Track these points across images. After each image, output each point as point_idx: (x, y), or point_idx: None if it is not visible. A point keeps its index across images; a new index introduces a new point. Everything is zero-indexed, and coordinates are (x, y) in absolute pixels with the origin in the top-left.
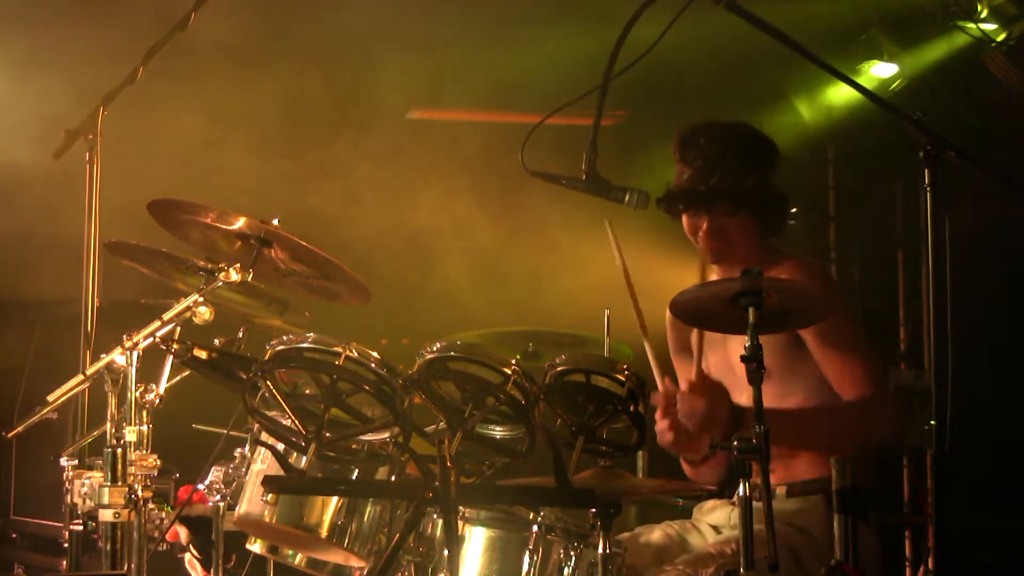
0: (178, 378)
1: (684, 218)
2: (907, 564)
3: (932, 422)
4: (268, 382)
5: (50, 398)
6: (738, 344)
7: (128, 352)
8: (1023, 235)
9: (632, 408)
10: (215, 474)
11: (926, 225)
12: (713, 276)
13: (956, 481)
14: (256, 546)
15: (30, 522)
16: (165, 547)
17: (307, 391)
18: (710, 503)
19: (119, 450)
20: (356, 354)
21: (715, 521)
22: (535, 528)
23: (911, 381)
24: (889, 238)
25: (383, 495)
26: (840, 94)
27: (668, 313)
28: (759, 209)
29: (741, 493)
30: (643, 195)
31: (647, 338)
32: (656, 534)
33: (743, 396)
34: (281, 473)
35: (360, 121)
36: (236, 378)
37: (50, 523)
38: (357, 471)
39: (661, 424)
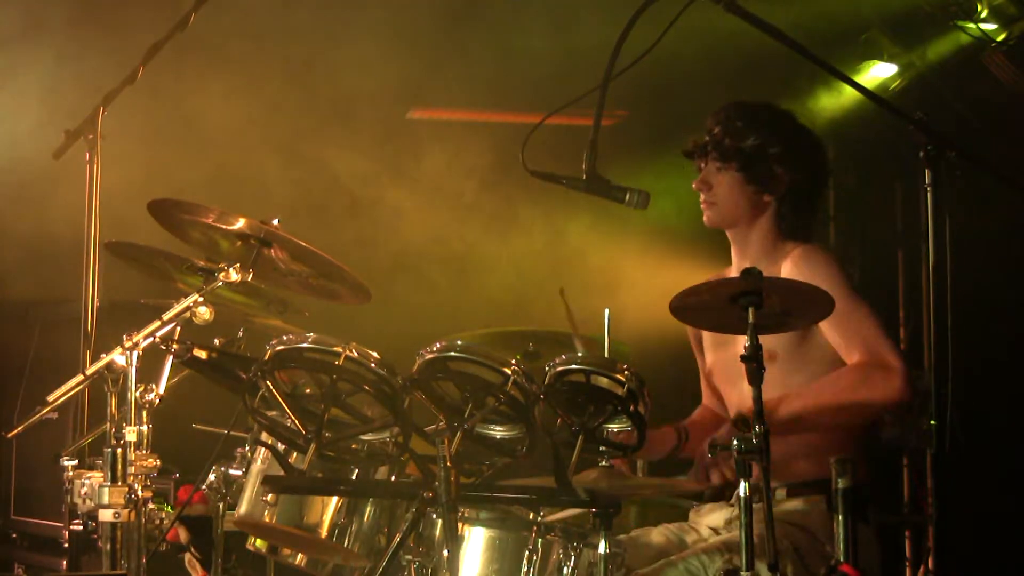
0: (178, 378)
1: None
2: (907, 564)
3: (932, 422)
4: (268, 382)
5: (50, 398)
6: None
7: (128, 352)
8: (1023, 235)
9: (632, 408)
10: (215, 474)
11: (926, 225)
12: None
13: (956, 481)
14: (256, 546)
15: (30, 522)
16: (165, 547)
17: (307, 391)
18: (708, 506)
19: (119, 450)
20: (356, 354)
21: (713, 523)
22: (535, 528)
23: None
24: (889, 238)
25: (383, 495)
26: (840, 94)
27: None
28: (753, 173)
29: (741, 493)
30: (643, 195)
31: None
32: (655, 535)
33: (743, 384)
34: (281, 473)
35: (359, 122)
36: (236, 378)
37: (50, 523)
38: (357, 471)
39: None
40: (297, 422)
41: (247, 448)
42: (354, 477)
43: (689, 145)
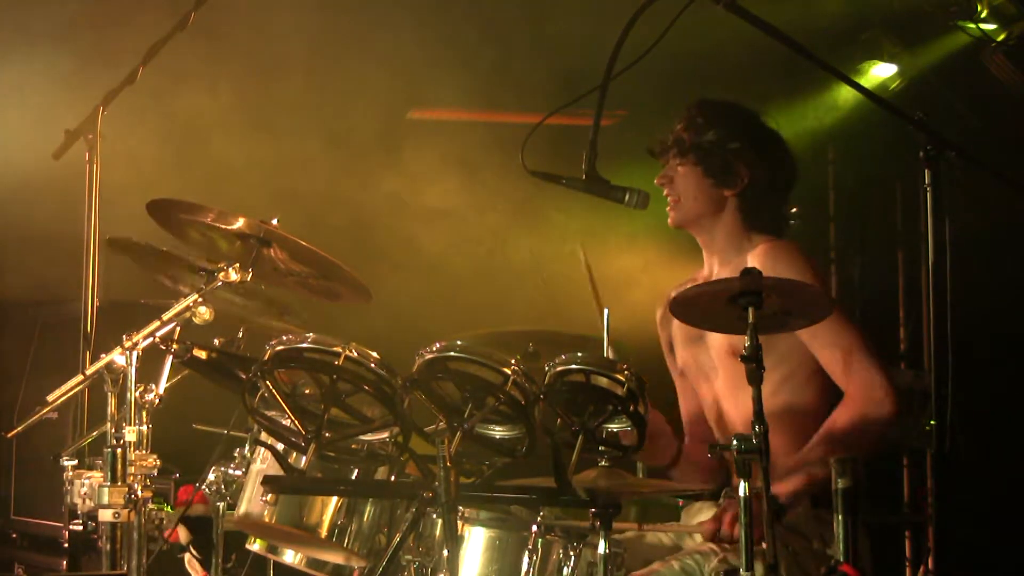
0: (178, 378)
1: None
2: (907, 564)
3: (932, 422)
4: (268, 382)
5: (50, 398)
6: (718, 336)
7: (128, 352)
8: (1023, 235)
9: (632, 408)
10: (215, 474)
11: (926, 225)
12: None
13: (956, 481)
14: (256, 546)
15: (30, 522)
16: (165, 547)
17: (307, 391)
18: (697, 505)
19: (119, 450)
20: (356, 354)
21: None
22: (535, 528)
23: (911, 381)
24: (889, 238)
25: (383, 495)
26: (840, 94)
27: (658, 312)
28: (711, 167)
29: (741, 493)
30: (643, 195)
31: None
32: (648, 535)
33: (718, 380)
34: (281, 473)
35: (359, 120)
36: (236, 378)
37: (50, 523)
38: (357, 471)
39: None
40: (297, 422)
41: (247, 448)
42: (354, 477)
43: (654, 144)
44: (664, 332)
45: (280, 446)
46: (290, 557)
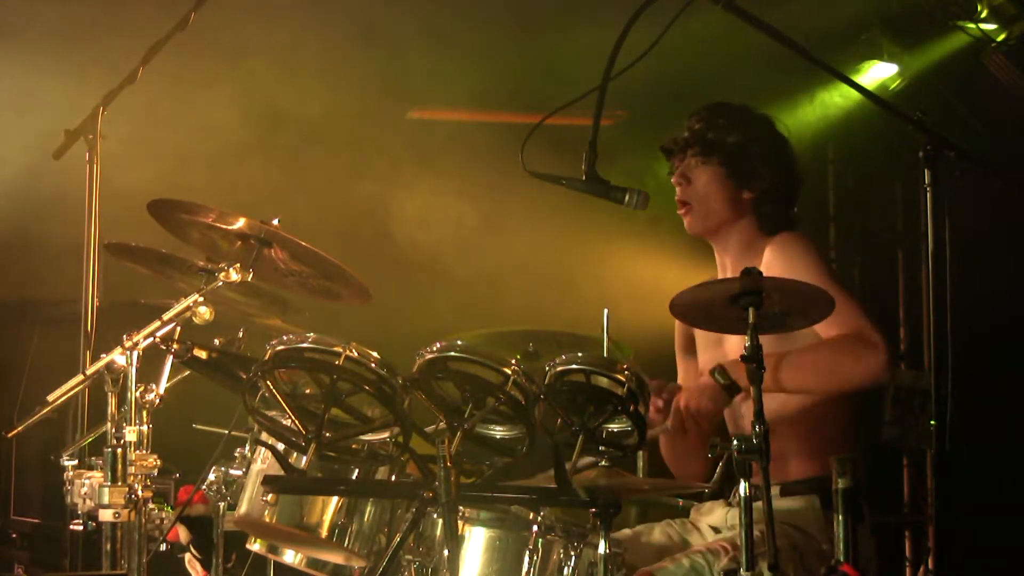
0: (178, 378)
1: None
2: (907, 564)
3: (932, 422)
4: (268, 382)
5: (50, 398)
6: (735, 342)
7: (128, 352)
8: (1023, 235)
9: (632, 408)
10: (215, 474)
11: (926, 225)
12: None
13: (956, 481)
14: (256, 546)
15: (30, 522)
16: (165, 547)
17: (307, 391)
18: (708, 504)
19: (119, 450)
20: (356, 354)
21: (713, 522)
22: (535, 528)
23: (911, 381)
24: (889, 238)
25: (383, 495)
26: (840, 94)
27: None
28: (735, 168)
29: (742, 493)
30: (643, 195)
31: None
32: (656, 533)
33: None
34: (281, 473)
35: (359, 120)
36: (236, 378)
37: (50, 523)
38: (357, 471)
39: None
40: (297, 422)
41: (247, 448)
42: (354, 477)
43: (669, 143)
44: (683, 332)
45: (280, 446)
46: (290, 557)
